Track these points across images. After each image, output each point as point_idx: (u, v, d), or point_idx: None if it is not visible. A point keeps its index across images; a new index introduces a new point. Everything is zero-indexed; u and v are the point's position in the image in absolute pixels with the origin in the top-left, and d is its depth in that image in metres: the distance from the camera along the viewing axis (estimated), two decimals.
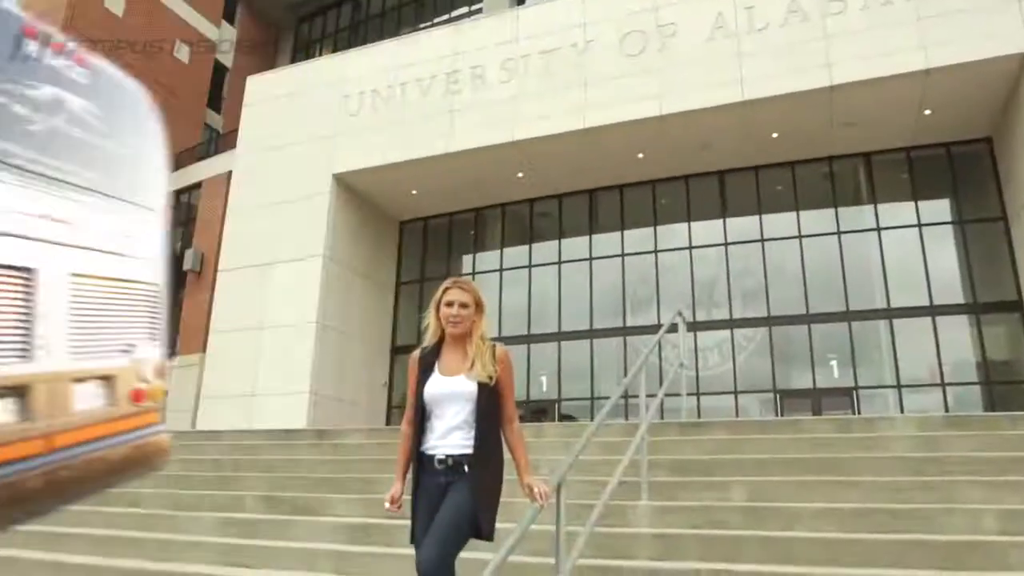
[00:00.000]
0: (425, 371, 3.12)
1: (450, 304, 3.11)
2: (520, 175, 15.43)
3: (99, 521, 6.24)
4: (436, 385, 3.07)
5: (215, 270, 18.19)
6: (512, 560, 3.97)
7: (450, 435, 3.00)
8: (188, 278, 21.82)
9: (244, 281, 15.99)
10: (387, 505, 3.10)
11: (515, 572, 4.10)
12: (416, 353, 3.22)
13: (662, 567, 4.11)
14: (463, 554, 2.89)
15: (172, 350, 21.19)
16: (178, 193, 23.92)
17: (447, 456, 2.97)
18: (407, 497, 3.12)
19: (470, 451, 2.97)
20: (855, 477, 5.18)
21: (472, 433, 2.99)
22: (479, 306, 3.16)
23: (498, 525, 2.95)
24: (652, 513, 4.84)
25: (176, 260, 22.77)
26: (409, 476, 3.11)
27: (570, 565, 3.29)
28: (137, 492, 6.89)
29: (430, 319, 3.19)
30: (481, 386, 3.02)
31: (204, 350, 18.27)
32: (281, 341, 15.08)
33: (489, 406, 3.04)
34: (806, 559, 4.08)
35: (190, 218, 23.32)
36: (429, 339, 3.20)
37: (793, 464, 5.56)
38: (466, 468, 2.96)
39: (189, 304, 21.59)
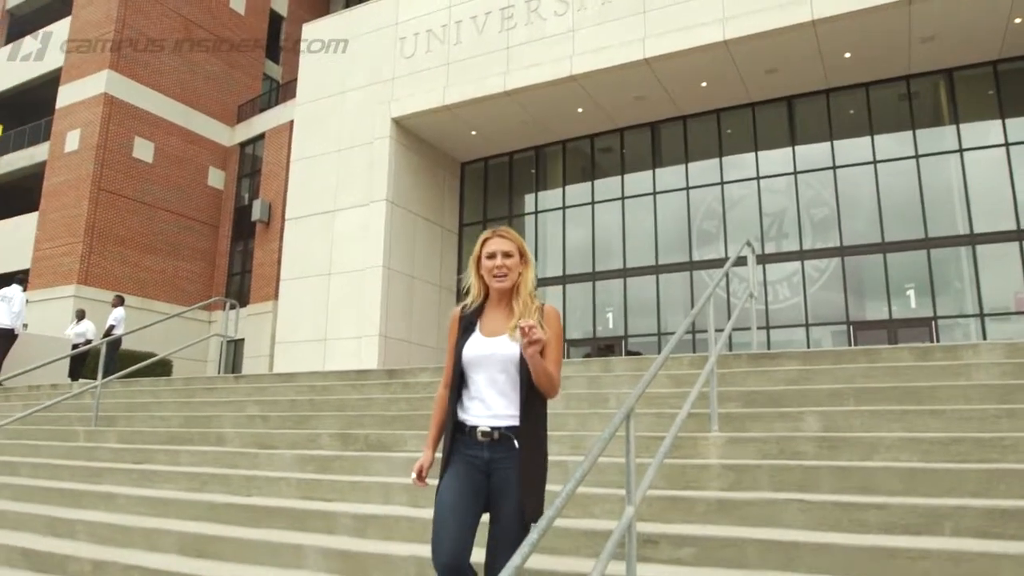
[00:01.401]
0: (466, 330, 2.81)
1: (492, 256, 2.78)
2: (580, 110, 15.12)
3: (188, 459, 6.56)
4: (476, 347, 2.75)
5: (283, 219, 18.59)
6: (582, 491, 4.02)
7: (492, 403, 2.70)
8: (257, 228, 22.42)
9: (310, 228, 16.30)
10: (413, 477, 2.82)
11: (586, 502, 4.14)
12: (456, 311, 2.89)
13: (734, 497, 4.07)
14: None
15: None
16: (243, 145, 24.40)
17: (492, 429, 2.67)
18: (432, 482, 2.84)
19: (515, 423, 2.67)
20: (937, 406, 5.00)
21: (516, 401, 2.68)
22: (524, 256, 2.82)
23: (568, 457, 2.94)
24: (723, 444, 4.79)
25: (245, 211, 23.40)
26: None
27: (640, 495, 3.27)
28: (221, 432, 7.20)
29: (470, 278, 2.86)
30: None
31: (276, 297, 18.84)
32: (349, 286, 15.39)
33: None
34: (885, 489, 3.97)
35: (255, 169, 23.79)
36: (472, 300, 2.85)
37: (870, 394, 5.39)
38: (512, 444, 2.65)
39: (259, 253, 22.24)
